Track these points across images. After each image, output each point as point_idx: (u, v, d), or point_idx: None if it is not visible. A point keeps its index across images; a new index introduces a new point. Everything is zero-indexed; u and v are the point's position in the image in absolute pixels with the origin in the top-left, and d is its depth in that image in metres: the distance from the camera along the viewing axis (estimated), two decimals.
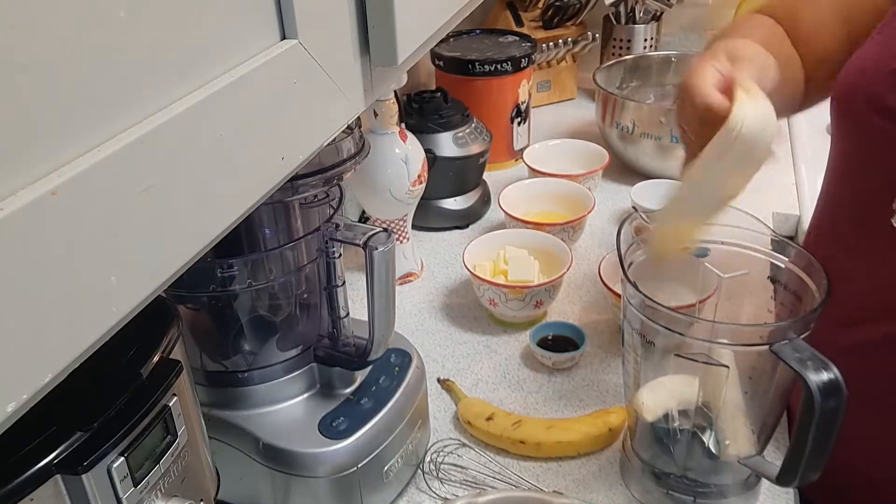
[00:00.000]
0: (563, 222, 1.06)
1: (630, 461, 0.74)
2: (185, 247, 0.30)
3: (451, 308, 1.02)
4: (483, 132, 1.18)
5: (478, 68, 1.26)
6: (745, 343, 0.61)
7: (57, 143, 0.24)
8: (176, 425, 0.47)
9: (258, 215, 0.71)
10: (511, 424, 0.78)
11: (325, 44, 0.39)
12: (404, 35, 0.44)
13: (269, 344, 0.69)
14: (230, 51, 0.32)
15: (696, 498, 0.69)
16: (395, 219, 1.02)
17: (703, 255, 0.70)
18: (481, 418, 0.79)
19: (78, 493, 0.40)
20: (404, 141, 0.97)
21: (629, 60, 1.45)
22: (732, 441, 0.68)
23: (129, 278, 0.27)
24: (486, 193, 1.23)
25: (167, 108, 0.28)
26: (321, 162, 0.63)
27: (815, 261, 0.63)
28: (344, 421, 0.66)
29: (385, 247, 0.62)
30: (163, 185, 0.28)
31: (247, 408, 0.67)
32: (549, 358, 0.88)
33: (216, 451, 0.58)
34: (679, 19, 1.63)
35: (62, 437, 0.39)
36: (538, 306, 0.94)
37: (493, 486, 0.74)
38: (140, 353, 0.45)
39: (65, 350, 0.24)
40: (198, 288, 0.63)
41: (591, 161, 1.21)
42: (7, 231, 0.22)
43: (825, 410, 0.55)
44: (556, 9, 1.54)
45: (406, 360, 0.74)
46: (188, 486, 0.49)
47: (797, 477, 0.60)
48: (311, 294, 0.70)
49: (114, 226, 0.26)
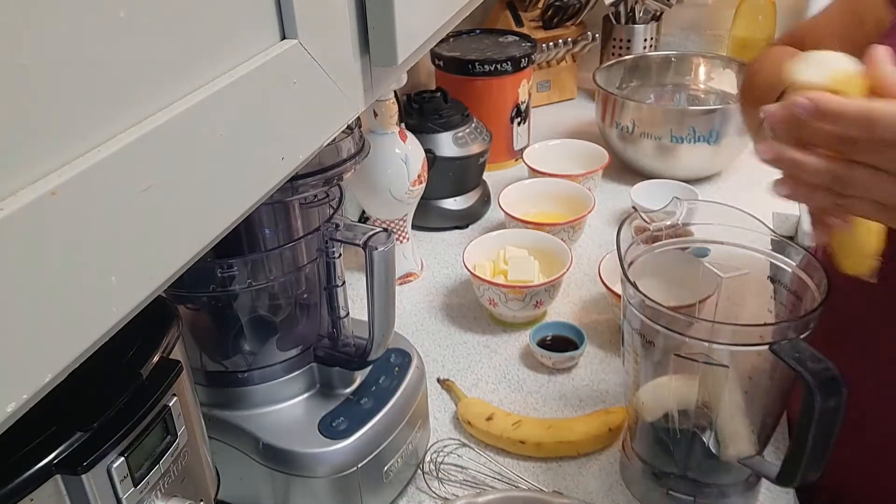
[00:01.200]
0: (563, 222, 1.06)
1: (630, 461, 0.74)
2: (186, 247, 0.30)
3: (451, 308, 1.02)
4: (483, 132, 1.18)
5: (478, 68, 1.26)
6: (745, 343, 0.61)
7: (57, 143, 0.24)
8: (176, 425, 0.47)
9: (258, 215, 0.71)
10: (511, 424, 0.78)
11: (325, 44, 0.39)
12: (404, 35, 0.44)
13: (268, 344, 0.69)
14: (230, 51, 0.32)
15: (696, 498, 0.69)
16: (395, 219, 1.02)
17: (703, 255, 0.70)
18: (481, 418, 0.79)
19: (78, 493, 0.40)
20: (404, 141, 0.97)
21: (629, 60, 1.45)
22: (732, 441, 0.68)
23: (129, 278, 0.27)
24: (486, 193, 1.23)
25: (167, 108, 0.28)
26: (321, 162, 0.63)
27: (815, 261, 0.63)
28: (344, 421, 0.66)
29: (385, 247, 0.62)
30: (163, 185, 0.28)
31: (247, 408, 0.67)
32: (549, 358, 0.88)
33: (216, 451, 0.58)
34: (679, 19, 1.63)
35: (62, 437, 0.39)
36: (538, 306, 0.94)
37: (493, 486, 0.74)
38: (140, 353, 0.45)
39: (65, 350, 0.24)
40: (198, 288, 0.63)
41: (591, 161, 1.21)
42: (7, 231, 0.22)
43: (825, 410, 0.55)
44: (556, 9, 1.54)
45: (406, 360, 0.74)
46: (188, 486, 0.49)
47: (797, 477, 0.60)
48: (311, 294, 0.70)
49: (114, 226, 0.26)
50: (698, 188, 1.18)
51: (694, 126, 1.20)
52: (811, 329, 0.59)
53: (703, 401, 0.66)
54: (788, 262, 0.66)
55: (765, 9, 1.47)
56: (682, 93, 1.44)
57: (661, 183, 1.18)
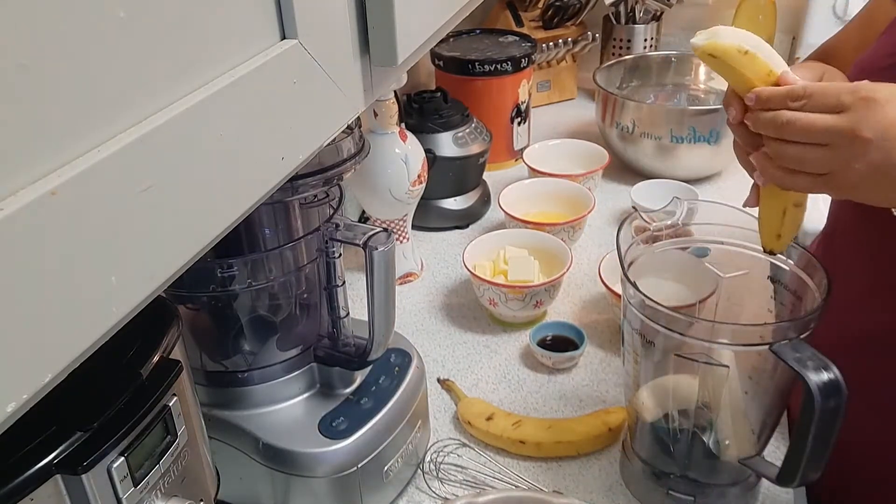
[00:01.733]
0: (563, 222, 1.06)
1: (630, 461, 0.74)
2: (185, 247, 0.30)
3: (451, 308, 1.02)
4: (483, 132, 1.18)
5: (478, 68, 1.26)
6: (745, 343, 0.61)
7: (57, 143, 0.24)
8: (176, 425, 0.47)
9: (258, 215, 0.71)
10: (511, 424, 0.78)
11: (325, 44, 0.39)
12: (404, 35, 0.44)
13: (269, 344, 0.69)
14: (230, 51, 0.32)
15: (696, 498, 0.69)
16: (395, 219, 1.02)
17: (703, 255, 0.70)
18: (481, 418, 0.79)
19: (78, 493, 0.40)
20: (404, 141, 0.97)
21: (629, 60, 1.45)
22: (732, 441, 0.68)
23: (129, 278, 0.27)
24: (486, 193, 1.23)
25: (167, 108, 0.28)
26: (321, 162, 0.63)
27: (814, 261, 0.63)
28: (344, 421, 0.66)
29: (385, 247, 0.62)
30: (163, 185, 0.28)
31: (247, 408, 0.67)
32: (549, 358, 0.88)
33: (216, 451, 0.58)
34: (679, 19, 1.63)
35: (62, 437, 0.39)
36: (538, 306, 0.94)
37: (493, 486, 0.74)
38: (140, 353, 0.45)
39: (65, 350, 0.24)
40: (198, 288, 0.63)
41: (591, 161, 1.21)
42: (7, 231, 0.22)
43: (825, 410, 0.55)
44: (556, 9, 1.54)
45: (406, 360, 0.74)
46: (188, 486, 0.49)
47: (797, 477, 0.60)
48: (311, 294, 0.70)
49: (114, 226, 0.26)
50: (698, 188, 1.18)
51: (694, 126, 1.20)
52: (811, 329, 0.59)
53: (703, 401, 0.66)
54: (788, 262, 0.66)
55: (765, 9, 1.46)
56: (682, 93, 1.44)
57: (661, 183, 1.18)
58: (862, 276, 0.70)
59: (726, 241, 0.69)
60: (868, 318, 0.70)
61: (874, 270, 0.69)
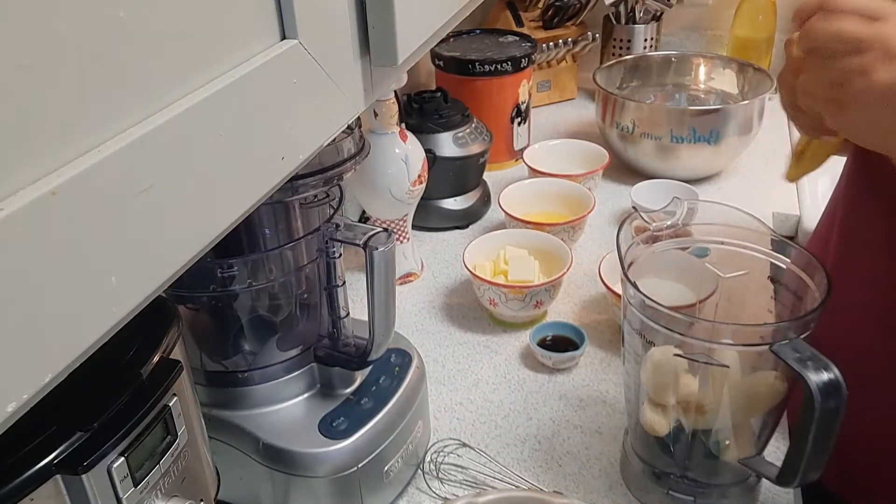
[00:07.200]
0: (563, 222, 1.06)
1: (630, 461, 0.74)
2: (186, 247, 0.30)
3: (451, 308, 1.02)
4: (483, 132, 1.18)
5: (478, 68, 1.26)
6: (745, 343, 0.61)
7: (57, 143, 0.24)
8: (176, 425, 0.47)
9: (258, 215, 0.71)
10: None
11: (325, 44, 0.39)
12: (404, 35, 0.44)
13: (269, 344, 0.69)
14: (230, 51, 0.32)
15: (696, 498, 0.69)
16: (395, 219, 1.02)
17: (703, 255, 0.70)
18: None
19: (78, 493, 0.40)
20: (404, 141, 0.97)
21: (629, 60, 1.45)
22: (732, 441, 0.68)
23: (129, 278, 0.27)
24: (486, 193, 1.23)
25: (167, 108, 0.28)
26: (321, 162, 0.63)
27: (815, 261, 0.63)
28: (344, 421, 0.66)
29: (385, 247, 0.62)
30: (163, 185, 0.28)
31: (247, 408, 0.67)
32: (549, 358, 0.88)
33: (216, 451, 0.58)
34: (679, 19, 1.63)
35: (62, 437, 0.39)
36: (538, 306, 0.94)
37: (493, 486, 0.74)
38: (140, 353, 0.45)
39: (65, 350, 0.24)
40: (198, 288, 0.63)
41: (591, 161, 1.21)
42: (7, 231, 0.22)
43: (825, 410, 0.55)
44: (556, 9, 1.54)
45: (406, 360, 0.74)
46: (188, 486, 0.49)
47: (797, 477, 0.60)
48: (311, 294, 0.70)
49: (114, 226, 0.26)
50: (698, 188, 1.18)
51: (694, 126, 1.20)
52: (811, 329, 0.59)
53: (704, 401, 0.66)
54: (788, 262, 0.66)
55: (765, 9, 1.47)
56: (682, 93, 1.44)
57: (661, 183, 1.18)
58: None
59: (726, 241, 0.69)
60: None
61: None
